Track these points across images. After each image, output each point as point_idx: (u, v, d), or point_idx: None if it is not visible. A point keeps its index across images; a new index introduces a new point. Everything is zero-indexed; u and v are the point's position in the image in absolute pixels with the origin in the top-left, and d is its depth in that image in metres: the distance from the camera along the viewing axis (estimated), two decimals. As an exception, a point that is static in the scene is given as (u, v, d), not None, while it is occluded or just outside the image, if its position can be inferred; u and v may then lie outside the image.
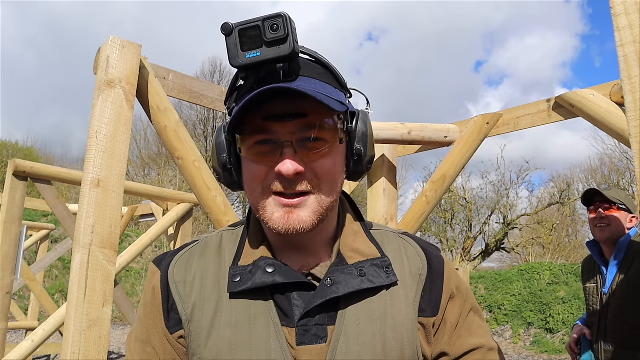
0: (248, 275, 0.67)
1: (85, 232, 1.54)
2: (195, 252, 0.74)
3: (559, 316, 10.34)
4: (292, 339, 0.65)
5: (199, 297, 0.68)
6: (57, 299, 11.54)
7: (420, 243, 0.76)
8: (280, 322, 0.65)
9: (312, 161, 0.64)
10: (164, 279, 0.71)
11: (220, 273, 0.70)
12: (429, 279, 0.72)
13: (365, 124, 0.68)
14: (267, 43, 0.61)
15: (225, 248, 0.73)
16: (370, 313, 0.67)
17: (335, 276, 0.67)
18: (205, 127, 21.92)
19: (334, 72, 0.68)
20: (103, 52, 1.68)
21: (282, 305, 0.66)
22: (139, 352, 0.72)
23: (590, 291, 2.21)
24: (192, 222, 4.68)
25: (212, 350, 0.65)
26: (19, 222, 3.43)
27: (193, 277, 0.70)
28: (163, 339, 0.70)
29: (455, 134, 2.47)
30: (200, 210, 12.10)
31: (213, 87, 2.19)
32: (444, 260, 0.75)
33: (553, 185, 18.64)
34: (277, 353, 0.64)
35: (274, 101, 0.62)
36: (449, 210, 18.22)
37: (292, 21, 0.61)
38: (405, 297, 0.69)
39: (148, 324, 0.71)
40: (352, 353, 0.65)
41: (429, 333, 0.70)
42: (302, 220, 0.64)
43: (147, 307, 0.72)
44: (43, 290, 6.23)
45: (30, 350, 3.83)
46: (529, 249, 17.42)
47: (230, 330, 0.65)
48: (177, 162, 1.89)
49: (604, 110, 1.99)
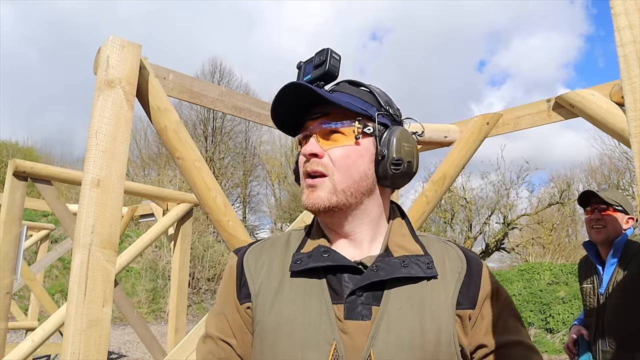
0: (307, 259, 0.81)
1: (85, 232, 1.54)
2: (266, 244, 0.89)
3: (559, 316, 10.34)
4: (340, 313, 0.76)
5: (266, 277, 0.83)
6: (57, 299, 11.54)
7: (462, 248, 0.87)
8: (331, 300, 0.77)
9: (329, 148, 0.81)
10: (239, 262, 0.87)
11: (286, 259, 0.84)
12: (467, 277, 0.81)
13: (393, 134, 0.83)
14: (314, 67, 0.86)
15: (292, 241, 0.88)
16: (410, 299, 0.77)
17: (381, 264, 0.79)
18: (205, 127, 21.92)
19: (374, 95, 0.86)
20: (103, 52, 1.68)
21: (334, 284, 0.78)
22: (215, 323, 0.87)
23: (586, 291, 2.21)
24: (192, 222, 4.67)
25: (273, 319, 0.78)
26: (19, 222, 3.43)
27: (262, 262, 0.85)
28: (234, 309, 0.84)
29: (455, 134, 2.47)
30: (200, 210, 12.11)
31: (213, 87, 2.19)
32: (482, 264, 0.85)
33: (553, 185, 18.64)
34: (326, 324, 0.75)
35: (312, 108, 0.84)
36: (449, 210, 18.23)
37: (333, 52, 0.85)
38: (444, 290, 0.79)
39: (223, 298, 0.87)
40: (392, 331, 0.74)
41: (465, 324, 0.79)
42: (320, 197, 0.80)
43: (224, 283, 0.88)
44: (43, 290, 6.23)
45: (30, 350, 3.83)
46: (529, 249, 17.41)
47: (289, 304, 0.78)
48: (177, 162, 1.89)
49: (604, 110, 1.99)
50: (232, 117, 3.22)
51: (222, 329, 0.85)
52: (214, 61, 22.52)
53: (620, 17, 0.71)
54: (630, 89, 0.68)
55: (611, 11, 0.73)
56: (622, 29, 0.71)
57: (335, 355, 0.74)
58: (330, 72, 0.84)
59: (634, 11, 0.70)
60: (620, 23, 0.71)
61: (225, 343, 0.84)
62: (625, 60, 0.70)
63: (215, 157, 21.46)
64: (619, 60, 0.71)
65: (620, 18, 0.71)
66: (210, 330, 0.86)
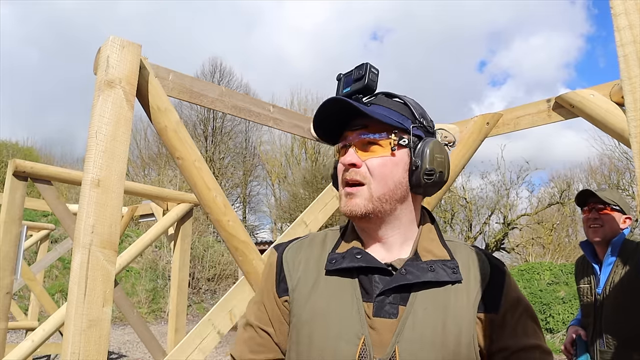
0: (341, 260, 0.87)
1: (85, 232, 1.54)
2: (304, 242, 0.95)
3: (559, 316, 10.34)
4: (369, 311, 0.82)
5: (304, 273, 0.89)
6: (57, 299, 11.54)
7: (487, 255, 0.92)
8: (362, 298, 0.83)
9: (367, 159, 0.87)
10: (279, 258, 0.93)
11: (322, 258, 0.90)
12: (490, 283, 0.86)
13: (427, 146, 0.88)
14: (353, 80, 0.91)
15: (328, 241, 0.94)
16: (435, 301, 0.82)
17: (409, 268, 0.84)
18: (205, 127, 21.92)
19: (410, 107, 0.91)
20: (103, 52, 1.68)
21: (365, 284, 0.84)
22: (254, 312, 0.94)
23: (584, 292, 2.20)
24: (192, 222, 4.67)
25: (309, 312, 0.85)
26: (19, 222, 3.42)
27: (300, 260, 0.91)
28: (272, 301, 0.91)
29: (455, 133, 2.47)
30: (200, 210, 12.10)
31: (213, 87, 2.19)
32: (505, 271, 0.90)
33: (553, 185, 18.64)
34: (356, 320, 0.82)
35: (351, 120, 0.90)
36: (449, 210, 18.22)
37: (372, 67, 0.90)
38: (467, 294, 0.84)
39: (263, 289, 0.94)
40: (417, 329, 0.80)
41: (486, 327, 0.84)
42: (357, 204, 0.86)
43: (265, 277, 0.95)
44: (43, 290, 6.23)
45: (30, 350, 3.83)
46: (529, 249, 17.40)
47: (324, 299, 0.85)
48: (177, 162, 1.89)
49: (604, 110, 1.99)
50: (232, 117, 3.21)
51: (261, 317, 0.92)
52: (214, 61, 22.53)
53: (620, 17, 0.71)
54: (630, 89, 0.68)
55: (611, 11, 0.73)
56: (622, 29, 0.71)
57: (363, 348, 0.80)
58: (369, 86, 0.89)
59: (634, 11, 0.70)
60: (620, 23, 0.71)
61: (264, 331, 0.91)
62: (625, 60, 0.70)
63: (215, 157, 21.46)
64: (619, 60, 0.70)
65: (620, 18, 0.71)
66: (251, 318, 0.94)
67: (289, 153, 21.96)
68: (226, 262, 15.41)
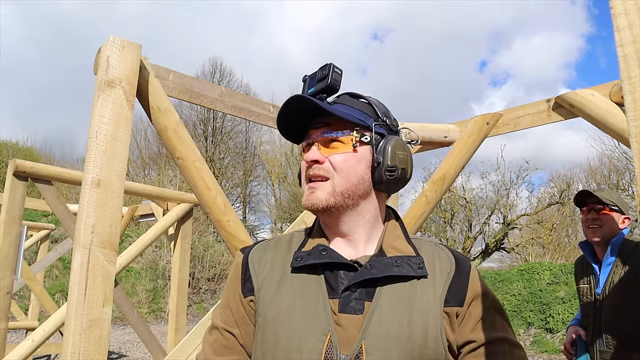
0: (307, 257, 0.87)
1: (85, 232, 1.54)
2: (270, 243, 0.96)
3: (558, 316, 10.34)
4: (335, 307, 0.83)
5: (269, 273, 0.89)
6: (57, 298, 11.54)
7: (452, 251, 0.94)
8: (328, 294, 0.84)
9: (329, 155, 0.89)
10: (245, 259, 0.94)
11: (288, 258, 0.91)
12: (456, 278, 0.88)
13: (388, 143, 0.90)
14: (317, 80, 0.93)
15: (294, 241, 0.95)
16: (401, 296, 0.83)
17: (374, 263, 0.85)
18: (205, 127, 21.92)
19: (372, 106, 0.93)
20: (103, 52, 1.68)
21: (331, 280, 0.85)
22: (220, 314, 0.94)
23: (583, 292, 2.20)
24: (192, 222, 4.67)
25: (274, 311, 0.85)
26: (19, 222, 3.43)
27: (266, 260, 0.92)
28: (238, 301, 0.91)
29: (455, 133, 2.47)
30: (200, 210, 12.10)
31: (213, 87, 2.19)
32: (470, 266, 0.92)
33: (553, 185, 18.63)
34: (322, 317, 0.82)
35: (315, 118, 0.91)
36: (449, 210, 18.22)
37: (335, 67, 0.92)
38: (433, 289, 0.85)
39: (229, 291, 0.94)
40: (382, 325, 0.81)
41: (453, 321, 0.85)
42: (319, 197, 0.87)
43: (231, 278, 0.95)
44: (43, 290, 6.23)
45: (31, 350, 3.83)
46: (528, 249, 17.40)
47: (289, 297, 0.85)
48: (177, 162, 1.89)
49: (604, 110, 1.99)
50: (232, 117, 3.22)
51: (227, 320, 0.92)
52: (214, 61, 22.53)
53: (620, 17, 0.71)
54: (630, 89, 0.68)
55: (611, 11, 0.73)
56: (622, 29, 0.71)
57: (329, 345, 0.80)
58: (332, 86, 0.91)
59: (634, 11, 0.70)
60: (620, 23, 0.71)
61: (229, 333, 0.91)
62: (625, 60, 0.70)
63: (215, 157, 21.46)
64: (619, 60, 0.71)
65: (620, 18, 0.71)
66: (216, 321, 0.94)
67: (289, 153, 21.95)
68: (226, 262, 15.41)
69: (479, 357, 0.84)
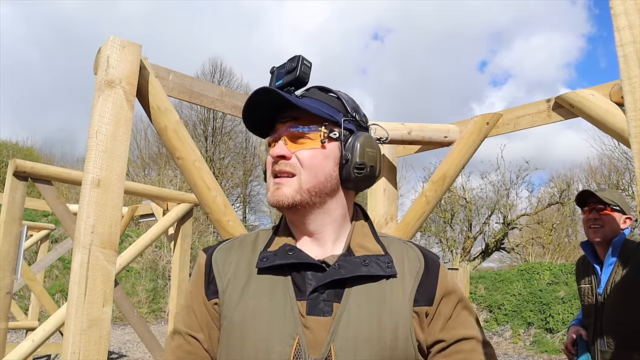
0: (273, 257, 0.84)
1: (85, 232, 1.54)
2: (235, 243, 0.92)
3: (558, 316, 10.34)
4: (303, 309, 0.80)
5: (234, 274, 0.86)
6: (57, 298, 11.54)
7: (421, 248, 0.91)
8: (295, 296, 0.80)
9: (296, 150, 0.85)
10: (208, 260, 0.89)
11: (253, 258, 0.87)
12: (425, 276, 0.86)
13: (357, 140, 0.87)
14: (285, 72, 0.90)
15: (259, 240, 0.91)
16: (369, 296, 0.81)
17: (343, 263, 0.83)
18: (205, 127, 21.91)
19: (342, 101, 0.91)
20: (103, 52, 1.68)
21: (298, 281, 0.82)
22: (183, 319, 0.89)
23: (584, 292, 2.20)
24: (192, 222, 4.67)
25: (239, 314, 0.81)
26: (19, 222, 3.43)
27: (231, 260, 0.88)
28: (201, 304, 0.87)
29: (455, 134, 2.47)
30: (200, 210, 12.09)
31: (213, 87, 2.19)
32: (439, 264, 0.90)
33: (553, 185, 18.64)
34: (290, 319, 0.79)
35: (282, 112, 0.88)
36: (449, 210, 18.22)
37: (304, 59, 0.89)
38: (402, 289, 0.83)
39: (192, 293, 0.89)
40: (351, 327, 0.78)
41: (422, 320, 0.83)
42: (285, 194, 0.84)
43: (193, 280, 0.91)
44: (43, 290, 6.23)
45: (31, 350, 3.83)
46: (528, 249, 17.41)
47: (255, 299, 0.82)
48: (177, 162, 1.90)
49: (604, 110, 1.99)
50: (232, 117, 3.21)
51: (190, 324, 0.87)
52: (214, 61, 22.53)
53: (620, 17, 0.71)
54: (630, 89, 0.68)
55: (611, 11, 0.73)
56: (622, 29, 0.71)
57: (297, 349, 0.77)
58: (300, 78, 0.88)
59: (634, 11, 0.70)
60: (620, 23, 0.71)
61: (193, 338, 0.86)
62: (625, 60, 0.70)
63: (215, 157, 21.45)
64: (619, 60, 0.70)
65: (620, 18, 0.71)
66: (179, 325, 0.89)
67: (289, 153, 21.94)
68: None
69: (448, 356, 0.83)
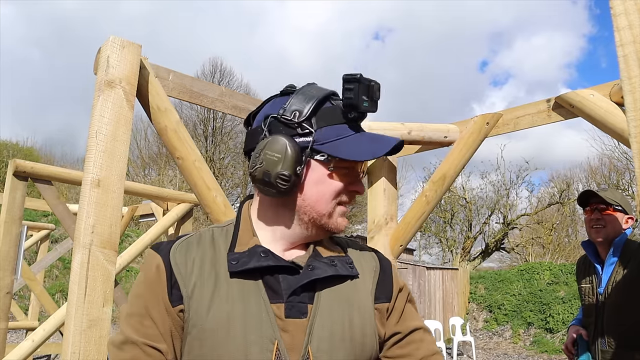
0: (245, 259, 0.80)
1: (85, 232, 1.54)
2: (192, 241, 0.85)
3: (558, 316, 10.34)
4: (280, 312, 0.78)
5: (199, 277, 0.80)
6: (58, 298, 11.54)
7: (372, 248, 0.96)
8: (269, 299, 0.79)
9: None
10: (166, 260, 0.81)
11: (216, 259, 0.82)
12: (381, 275, 0.90)
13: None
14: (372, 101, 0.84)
15: (218, 240, 0.86)
16: (339, 296, 0.83)
17: (314, 264, 0.83)
18: (205, 127, 21.91)
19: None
20: (103, 52, 1.68)
21: (272, 284, 0.80)
22: (136, 327, 0.79)
23: (585, 291, 2.20)
24: (192, 222, 4.67)
25: (213, 321, 0.77)
26: (19, 222, 3.43)
27: (192, 261, 0.81)
28: (163, 311, 0.79)
29: (455, 134, 2.47)
30: (200, 210, 12.09)
31: (213, 87, 2.19)
32: (390, 262, 0.95)
33: (553, 185, 18.64)
34: (267, 324, 0.77)
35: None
36: (449, 210, 18.22)
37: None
38: (364, 288, 0.87)
39: (148, 299, 0.80)
40: (326, 327, 0.80)
41: (383, 316, 0.87)
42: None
43: (149, 283, 0.81)
44: (43, 290, 6.22)
45: (31, 350, 3.83)
46: (528, 249, 17.41)
47: (228, 304, 0.78)
48: (177, 162, 1.90)
49: (604, 110, 1.99)
50: (232, 117, 3.22)
51: (148, 333, 0.78)
52: (215, 61, 22.53)
53: (620, 17, 0.71)
54: (630, 89, 0.68)
55: (611, 11, 0.73)
56: (622, 29, 0.71)
57: (277, 353, 0.76)
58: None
59: (634, 11, 0.70)
60: (620, 23, 0.71)
61: (153, 349, 0.78)
62: (625, 60, 0.70)
63: (215, 157, 21.45)
64: (619, 60, 0.70)
65: (620, 18, 0.71)
66: (131, 335, 0.78)
67: (289, 153, 21.94)
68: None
69: (404, 347, 0.87)
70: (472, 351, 9.19)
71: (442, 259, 18.78)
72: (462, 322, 9.80)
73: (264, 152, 0.80)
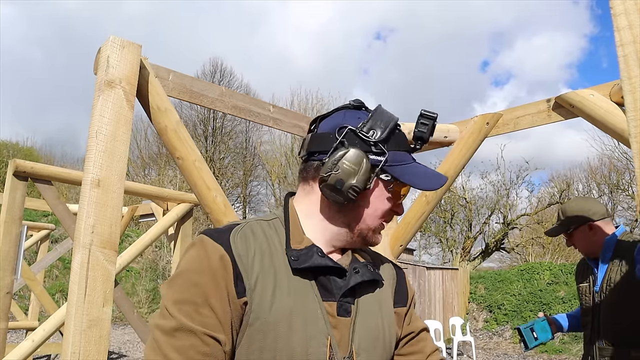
0: (304, 257, 0.84)
1: (85, 232, 1.54)
2: (247, 233, 0.86)
3: (559, 316, 10.32)
4: (333, 310, 0.84)
5: (261, 270, 0.82)
6: (57, 298, 11.54)
7: (387, 258, 1.04)
8: (322, 297, 0.84)
9: None
10: (229, 251, 0.81)
11: (271, 253, 0.85)
12: (398, 282, 1.00)
13: None
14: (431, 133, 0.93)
15: (270, 233, 0.88)
16: (372, 299, 0.91)
17: (358, 267, 0.90)
18: (205, 127, 21.92)
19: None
20: (103, 52, 1.68)
21: (324, 283, 0.85)
22: (188, 312, 0.77)
23: (583, 291, 2.23)
24: (192, 222, 4.67)
25: (276, 314, 0.79)
26: (19, 222, 3.43)
27: (253, 253, 0.83)
28: (225, 302, 0.79)
29: (455, 134, 2.47)
30: (200, 210, 12.10)
31: (213, 87, 2.19)
32: (403, 270, 1.05)
33: (553, 185, 18.64)
34: (321, 320, 0.82)
35: None
36: (449, 210, 18.22)
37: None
38: (387, 293, 0.95)
39: (209, 288, 0.78)
40: (365, 326, 0.87)
41: (400, 319, 0.97)
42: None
43: (211, 273, 0.79)
44: (43, 290, 6.23)
45: (31, 350, 3.83)
46: (528, 249, 17.41)
47: (290, 299, 0.81)
48: (177, 162, 1.90)
49: (604, 110, 1.99)
50: (232, 117, 3.22)
51: (207, 322, 0.77)
52: (215, 61, 22.54)
53: (620, 17, 0.71)
54: (630, 89, 0.68)
55: (611, 11, 0.73)
56: (622, 29, 0.71)
57: (330, 349, 0.82)
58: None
59: (634, 11, 0.70)
60: (620, 23, 0.71)
61: (212, 339, 0.77)
62: (625, 60, 0.70)
63: (215, 157, 21.46)
64: (619, 60, 0.71)
65: (620, 18, 0.71)
66: (187, 322, 0.76)
67: (289, 153, 21.94)
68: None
69: (414, 344, 0.98)
70: (472, 351, 9.19)
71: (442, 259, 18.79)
72: (462, 322, 9.81)
73: (342, 161, 0.85)
